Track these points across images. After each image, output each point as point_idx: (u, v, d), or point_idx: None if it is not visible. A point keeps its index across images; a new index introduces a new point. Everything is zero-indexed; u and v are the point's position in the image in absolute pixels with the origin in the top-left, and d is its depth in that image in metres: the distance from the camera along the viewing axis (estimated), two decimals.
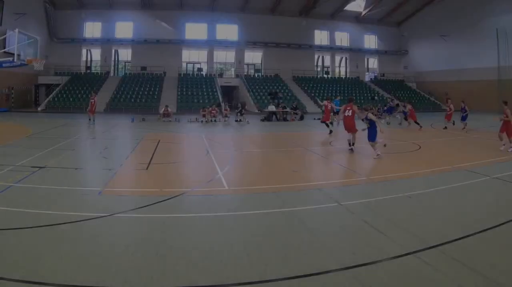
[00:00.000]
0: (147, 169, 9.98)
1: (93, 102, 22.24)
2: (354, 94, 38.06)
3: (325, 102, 18.74)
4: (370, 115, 11.39)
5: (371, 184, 8.41)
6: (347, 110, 12.69)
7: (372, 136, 11.31)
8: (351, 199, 7.03)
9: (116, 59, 44.00)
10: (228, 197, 7.62)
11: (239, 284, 4.06)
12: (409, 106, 21.92)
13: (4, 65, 12.65)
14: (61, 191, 7.45)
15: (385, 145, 12.34)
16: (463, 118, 19.90)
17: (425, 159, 11.75)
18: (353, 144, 12.56)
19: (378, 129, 11.24)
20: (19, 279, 3.98)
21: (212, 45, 43.76)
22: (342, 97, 30.37)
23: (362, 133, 11.82)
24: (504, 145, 12.64)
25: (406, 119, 22.36)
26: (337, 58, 47.95)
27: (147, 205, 6.70)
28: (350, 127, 12.57)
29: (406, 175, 9.20)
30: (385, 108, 28.51)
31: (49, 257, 4.53)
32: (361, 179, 8.98)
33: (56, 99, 33.87)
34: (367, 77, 47.95)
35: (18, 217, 5.85)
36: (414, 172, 9.46)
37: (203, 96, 36.28)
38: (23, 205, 6.43)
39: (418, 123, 20.44)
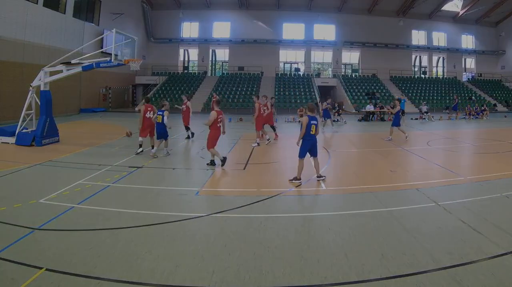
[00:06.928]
0: (244, 169, 10.32)
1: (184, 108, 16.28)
2: (451, 94, 40.19)
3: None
4: None
5: (469, 184, 8.84)
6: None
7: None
8: (449, 199, 7.37)
9: (214, 59, 46.45)
10: (325, 197, 7.84)
11: (337, 284, 4.19)
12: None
13: (101, 65, 13.60)
14: (158, 191, 8.01)
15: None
16: None
17: None
18: None
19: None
20: (117, 279, 4.32)
21: (310, 45, 45.25)
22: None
23: None
24: None
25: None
26: (434, 58, 49.44)
27: (244, 205, 6.92)
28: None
29: (503, 174, 9.53)
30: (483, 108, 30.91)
31: (146, 257, 4.85)
32: (459, 179, 9.32)
33: (153, 99, 36.10)
34: (464, 78, 49.17)
35: (115, 216, 6.39)
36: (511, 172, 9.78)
37: (300, 96, 36.90)
38: (120, 204, 7.03)
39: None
